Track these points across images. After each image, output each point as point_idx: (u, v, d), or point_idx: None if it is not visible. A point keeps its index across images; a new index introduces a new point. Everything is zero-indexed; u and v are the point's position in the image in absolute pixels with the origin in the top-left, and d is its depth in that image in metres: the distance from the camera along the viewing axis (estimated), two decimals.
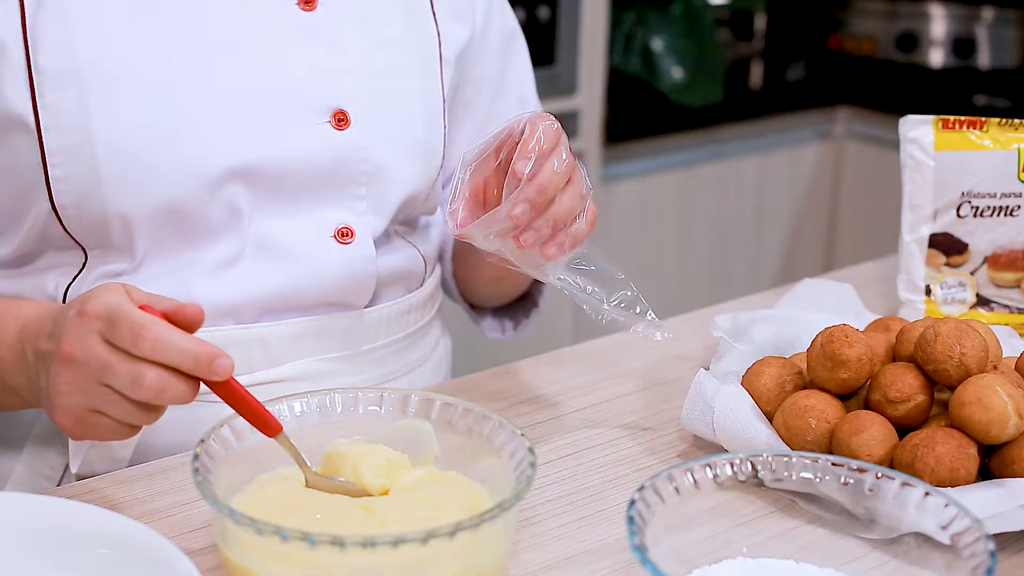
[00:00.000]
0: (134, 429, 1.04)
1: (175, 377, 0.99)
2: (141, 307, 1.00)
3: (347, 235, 1.28)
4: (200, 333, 1.23)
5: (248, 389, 1.02)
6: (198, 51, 1.21)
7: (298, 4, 1.26)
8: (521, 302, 1.53)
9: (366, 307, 1.33)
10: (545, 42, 2.89)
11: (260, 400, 1.02)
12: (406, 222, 1.38)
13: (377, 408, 1.08)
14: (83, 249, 1.23)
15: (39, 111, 1.17)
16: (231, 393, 1.00)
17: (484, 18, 1.43)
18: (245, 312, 1.26)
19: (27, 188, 1.21)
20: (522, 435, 1.02)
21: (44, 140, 1.18)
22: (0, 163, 1.21)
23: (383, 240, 1.32)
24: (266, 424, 1.02)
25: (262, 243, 1.25)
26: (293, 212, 1.26)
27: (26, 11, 1.17)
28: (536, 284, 1.49)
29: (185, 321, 1.01)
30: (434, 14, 1.37)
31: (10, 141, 1.19)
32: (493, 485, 1.04)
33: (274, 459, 1.04)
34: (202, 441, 0.99)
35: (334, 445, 1.06)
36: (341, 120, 1.26)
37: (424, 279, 1.41)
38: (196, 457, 0.97)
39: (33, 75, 1.17)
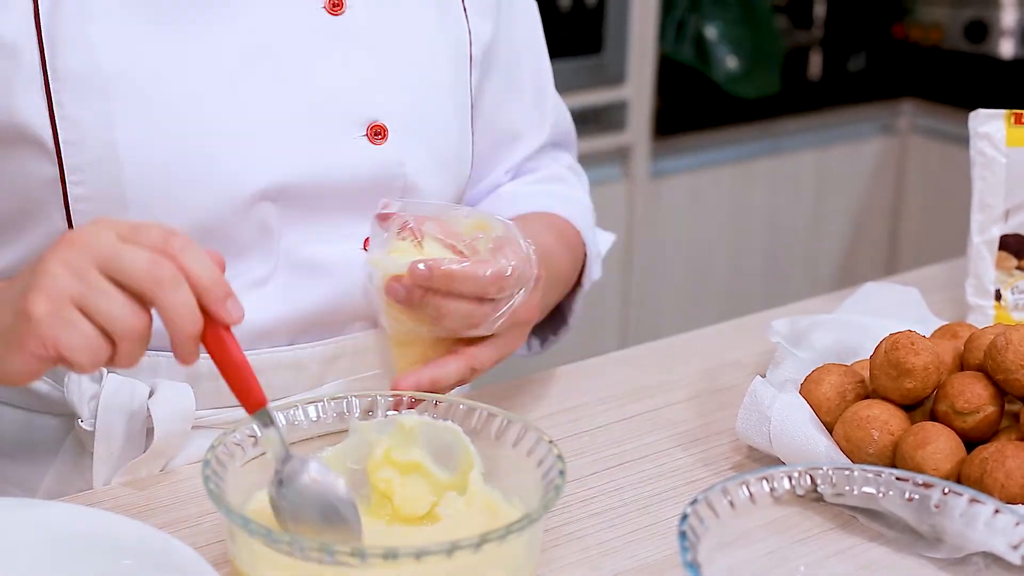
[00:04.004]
0: (100, 354, 0.97)
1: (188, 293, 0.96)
2: None
3: None
4: None
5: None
6: (224, 62, 1.19)
7: (325, 8, 1.24)
8: (549, 319, 1.50)
9: None
10: (592, 29, 2.90)
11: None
12: None
13: (397, 413, 1.09)
14: None
15: (57, 123, 1.14)
16: (223, 349, 0.98)
17: (508, 10, 1.41)
18: (278, 334, 1.25)
19: (33, 207, 1.18)
20: (550, 442, 1.01)
21: (64, 156, 1.15)
22: (2, 180, 1.18)
23: None
24: (249, 394, 0.99)
25: (293, 261, 1.24)
26: (325, 229, 1.25)
27: (40, 10, 1.13)
28: (567, 300, 1.48)
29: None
30: (464, 9, 1.35)
31: (18, 156, 1.17)
32: (523, 497, 1.03)
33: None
34: (213, 447, 0.99)
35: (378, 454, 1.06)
36: (378, 134, 1.25)
37: None
38: (207, 464, 0.97)
39: (50, 81, 1.14)
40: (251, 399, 0.99)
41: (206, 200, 1.18)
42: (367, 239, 1.25)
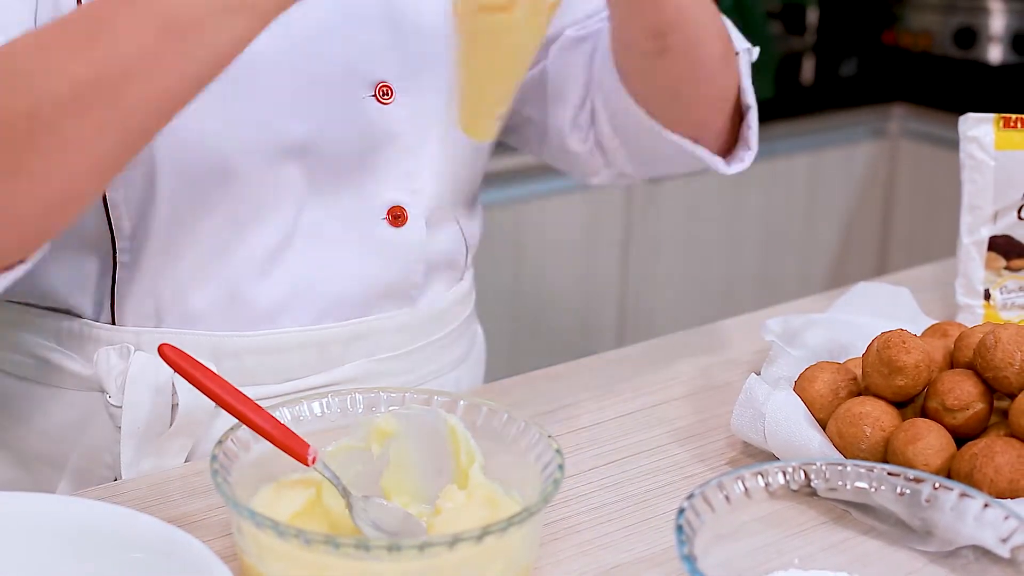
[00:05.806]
0: None
1: None
2: None
3: (399, 216, 1.27)
4: (258, 336, 1.24)
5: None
6: None
7: None
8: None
9: (417, 302, 1.33)
10: None
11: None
12: (452, 195, 1.36)
13: (398, 408, 1.08)
14: (113, 243, 1.22)
15: None
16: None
17: None
18: (299, 311, 1.26)
19: None
20: (549, 437, 1.02)
21: None
22: None
23: (432, 221, 1.31)
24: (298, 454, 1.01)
25: (312, 230, 1.24)
26: (341, 192, 1.25)
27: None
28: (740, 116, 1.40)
29: None
30: None
31: None
32: (522, 491, 1.03)
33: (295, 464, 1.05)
34: (220, 441, 0.99)
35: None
36: (385, 93, 1.24)
37: (463, 272, 1.41)
38: (215, 458, 0.97)
39: None
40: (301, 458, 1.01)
41: (227, 155, 1.18)
42: None
